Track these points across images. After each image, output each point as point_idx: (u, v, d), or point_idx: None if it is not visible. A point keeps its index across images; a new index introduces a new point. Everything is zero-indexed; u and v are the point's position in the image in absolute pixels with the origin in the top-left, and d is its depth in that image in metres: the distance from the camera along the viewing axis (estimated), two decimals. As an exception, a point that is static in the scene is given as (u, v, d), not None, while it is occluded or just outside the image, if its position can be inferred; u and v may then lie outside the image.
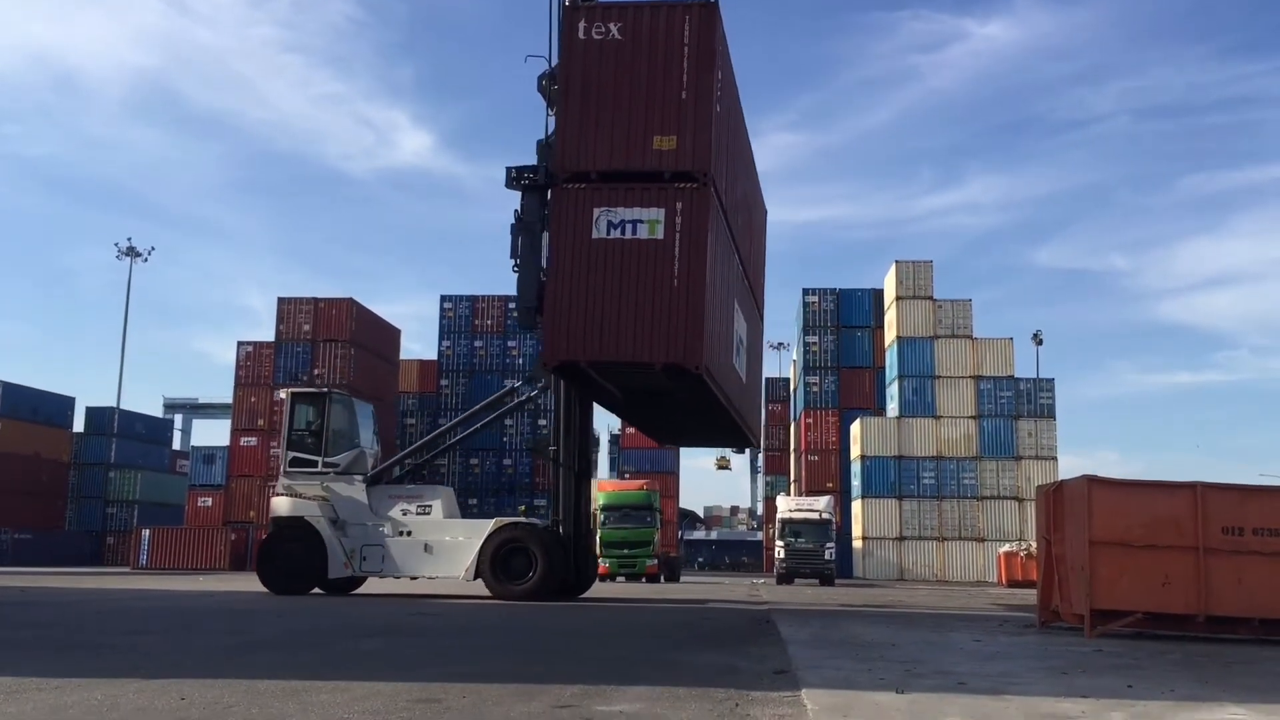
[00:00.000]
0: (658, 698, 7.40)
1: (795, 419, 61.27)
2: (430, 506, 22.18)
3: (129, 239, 62.09)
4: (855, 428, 50.32)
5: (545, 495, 53.69)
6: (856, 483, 49.74)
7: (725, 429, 25.76)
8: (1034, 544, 23.25)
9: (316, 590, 22.20)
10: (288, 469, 22.81)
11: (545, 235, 19.88)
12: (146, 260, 60.64)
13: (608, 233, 18.56)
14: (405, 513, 22.05)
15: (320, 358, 51.20)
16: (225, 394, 59.21)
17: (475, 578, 21.28)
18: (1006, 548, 42.39)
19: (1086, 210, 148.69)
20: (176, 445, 76.15)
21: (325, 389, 23.12)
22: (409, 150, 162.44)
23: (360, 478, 22.52)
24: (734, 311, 22.32)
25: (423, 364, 59.45)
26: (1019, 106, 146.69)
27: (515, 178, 20.50)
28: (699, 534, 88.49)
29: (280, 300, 52.54)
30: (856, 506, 49.48)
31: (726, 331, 21.26)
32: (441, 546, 21.62)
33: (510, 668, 9.29)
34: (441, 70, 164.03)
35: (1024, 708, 7.31)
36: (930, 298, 50.10)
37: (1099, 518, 14.26)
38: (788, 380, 70.62)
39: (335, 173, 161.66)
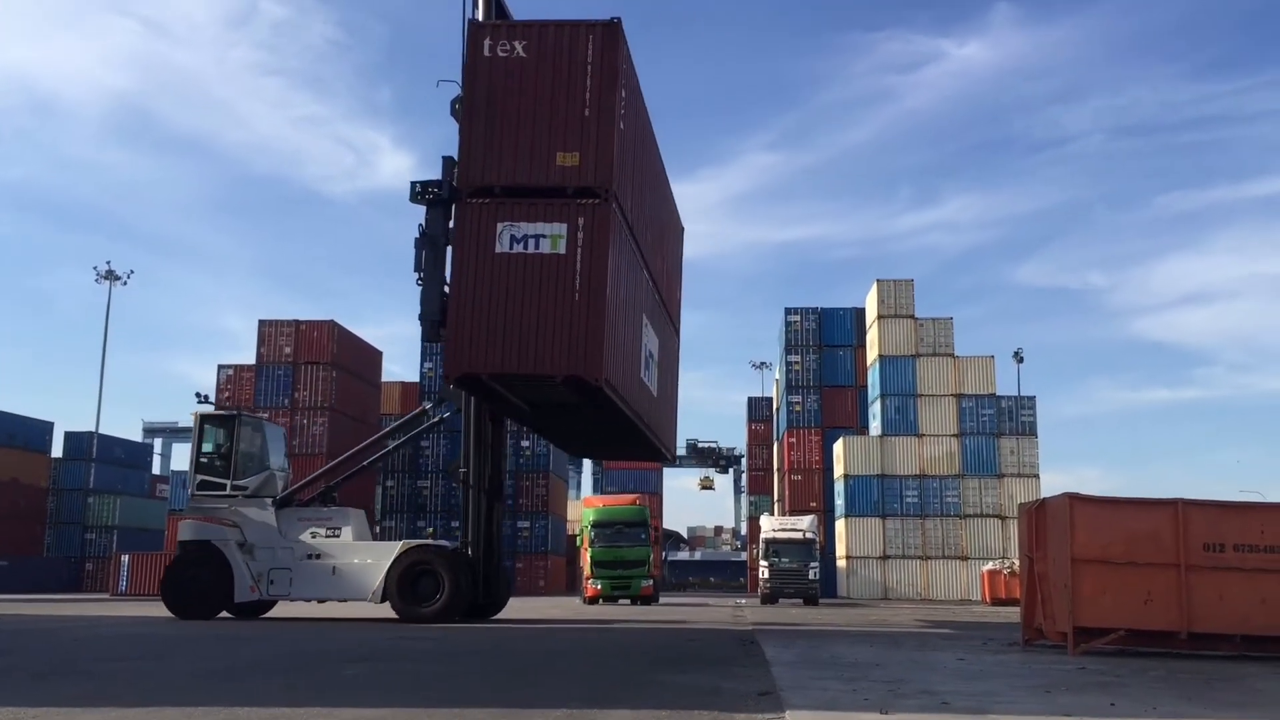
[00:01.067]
0: (642, 721, 7.37)
1: (778, 438, 61.32)
2: (340, 530, 22.22)
3: (108, 262, 61.79)
4: (838, 447, 50.40)
5: (530, 516, 53.82)
6: (840, 502, 49.79)
7: (639, 443, 25.93)
8: (1017, 562, 23.31)
9: (225, 614, 22.08)
10: (195, 492, 22.69)
11: (450, 249, 20.01)
12: (126, 284, 60.23)
13: (510, 247, 18.80)
14: (315, 535, 22.07)
15: (301, 380, 51.03)
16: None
17: (383, 600, 21.36)
18: (990, 566, 42.47)
19: (1064, 228, 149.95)
20: (156, 470, 75.48)
21: (235, 411, 22.98)
22: (389, 171, 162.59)
23: (270, 501, 22.45)
24: (643, 326, 22.59)
25: (405, 386, 59.27)
26: (996, 126, 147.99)
27: (420, 192, 20.57)
28: (683, 554, 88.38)
29: (261, 323, 52.38)
30: (840, 526, 49.51)
31: (633, 345, 21.52)
32: (350, 569, 21.66)
33: (495, 692, 9.23)
34: (421, 91, 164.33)
35: (1008, 727, 7.31)
36: (912, 316, 50.34)
37: (1081, 535, 14.31)
38: (770, 400, 70.71)
39: (315, 194, 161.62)
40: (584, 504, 44.61)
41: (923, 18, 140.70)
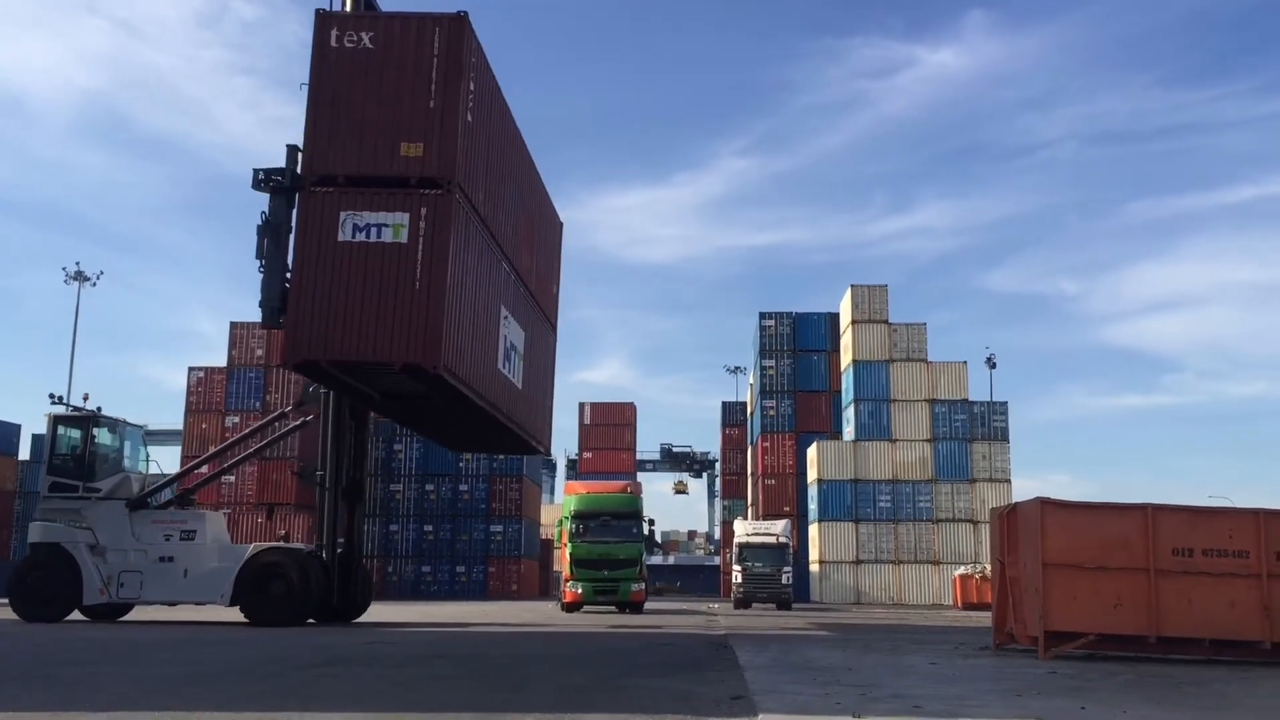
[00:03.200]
0: (615, 725, 7.35)
1: (752, 443, 61.44)
2: (194, 531, 22.20)
3: (77, 263, 60.97)
4: (812, 451, 50.55)
5: (503, 521, 53.72)
6: (813, 506, 49.91)
7: (504, 435, 26.11)
8: (988, 567, 23.45)
9: (82, 617, 22.01)
10: (47, 494, 22.57)
11: (292, 237, 20.07)
12: (95, 285, 59.55)
13: (353, 236, 18.98)
14: (168, 538, 22.00)
15: (273, 383, 50.62)
16: (176, 420, 58.34)
17: (233, 603, 21.33)
18: (962, 570, 42.69)
19: (1036, 235, 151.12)
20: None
21: (90, 412, 23.00)
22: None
23: (124, 503, 22.31)
24: (501, 318, 22.81)
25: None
26: (969, 132, 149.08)
27: (263, 180, 20.53)
28: (656, 559, 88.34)
29: (232, 325, 51.91)
30: (814, 530, 49.64)
31: (486, 336, 21.71)
32: (201, 572, 21.65)
33: (468, 697, 9.18)
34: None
35: (979, 731, 7.34)
36: (885, 321, 50.55)
37: (1052, 540, 14.42)
38: (744, 404, 70.85)
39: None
40: (566, 490, 38.83)
41: (897, 24, 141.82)
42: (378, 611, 22.73)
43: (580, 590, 30.87)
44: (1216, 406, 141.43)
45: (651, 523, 32.84)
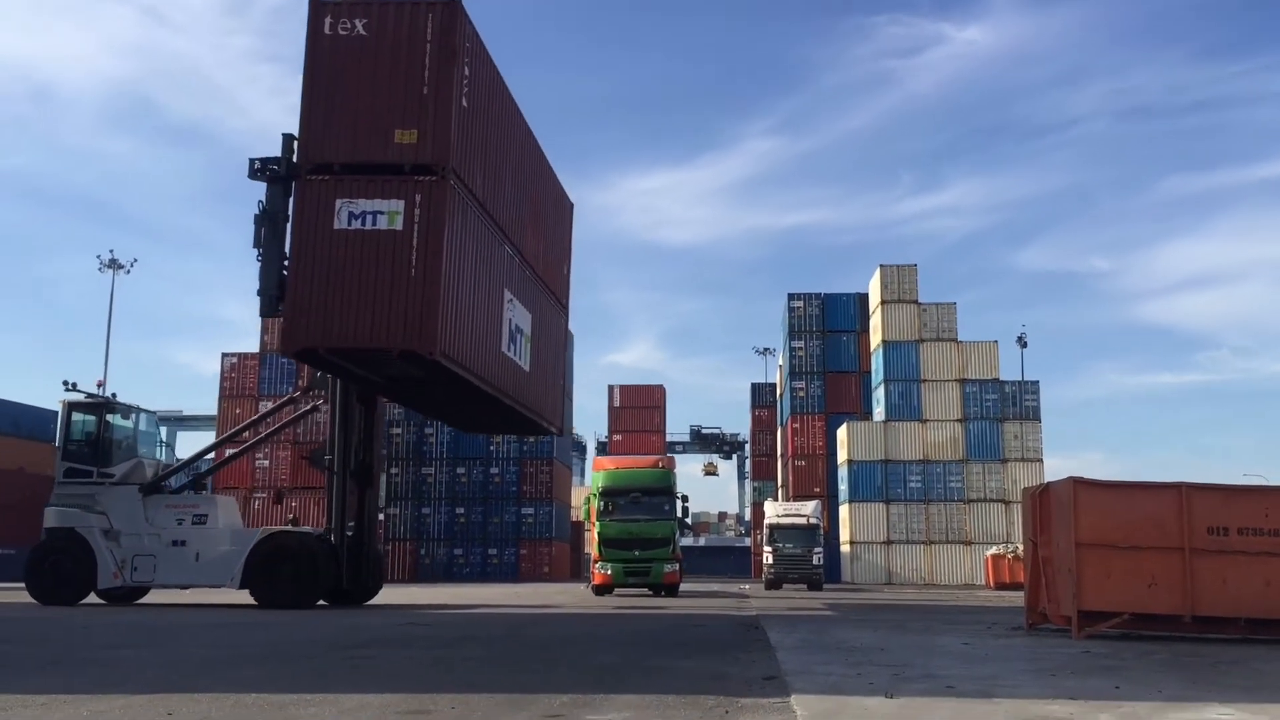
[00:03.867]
0: (647, 706, 7.40)
1: (782, 424, 61.33)
2: (206, 516, 22.46)
3: (111, 251, 61.51)
4: (842, 432, 50.41)
5: (534, 503, 53.97)
6: (844, 487, 49.80)
7: (512, 417, 26.27)
8: (1021, 546, 23.34)
9: (99, 601, 22.37)
10: (62, 479, 22.88)
11: (289, 226, 20.17)
12: (129, 272, 60.07)
13: (349, 223, 19.08)
14: (180, 522, 22.28)
15: (305, 369, 50.90)
16: (210, 406, 58.93)
17: (243, 586, 21.56)
18: (994, 550, 42.50)
19: (1067, 212, 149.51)
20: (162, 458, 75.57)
21: (104, 399, 23.32)
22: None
23: (137, 488, 22.58)
24: (505, 301, 22.96)
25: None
26: (998, 109, 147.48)
27: (259, 169, 20.64)
28: (687, 540, 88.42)
29: (264, 311, 52.25)
30: (844, 511, 49.54)
31: (488, 320, 21.86)
32: (212, 556, 21.90)
33: (500, 678, 9.26)
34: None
35: (1012, 710, 7.33)
36: (915, 301, 50.27)
37: (1085, 519, 14.32)
38: (774, 385, 70.72)
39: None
40: (594, 466, 36.95)
41: (923, 1, 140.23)
42: (411, 594, 22.95)
43: (610, 572, 29.32)
44: (1251, 384, 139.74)
45: (685, 499, 30.99)
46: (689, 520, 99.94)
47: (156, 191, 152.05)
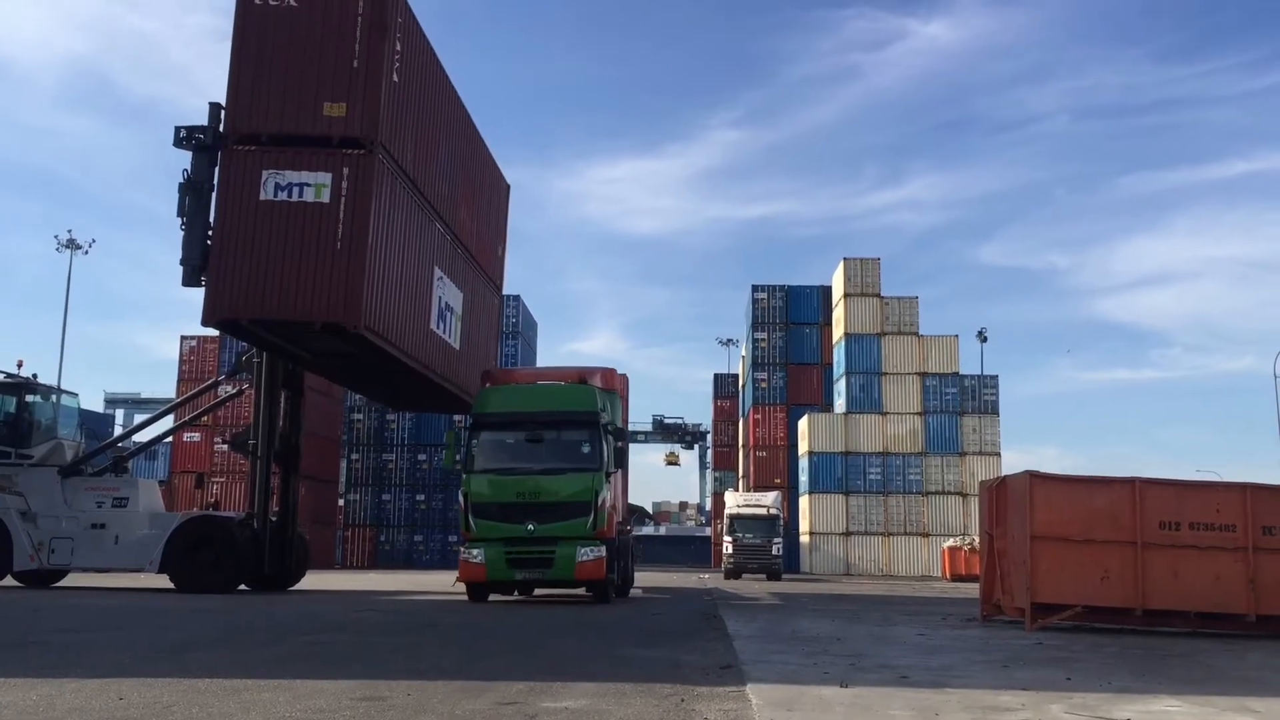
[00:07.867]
0: (603, 694, 7.40)
1: (744, 415, 61.53)
2: (127, 499, 22.28)
3: (69, 231, 60.72)
4: (803, 424, 50.64)
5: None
6: (804, 478, 50.06)
7: (444, 395, 26.32)
8: (977, 539, 23.58)
9: (16, 584, 22.07)
10: None
11: (214, 195, 20.04)
12: (87, 253, 59.26)
13: (275, 195, 19.01)
14: (100, 505, 22.07)
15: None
16: (168, 389, 58.20)
17: (162, 570, 21.42)
18: (951, 542, 42.89)
19: (1027, 209, 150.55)
20: (117, 441, 74.60)
21: (23, 379, 23.04)
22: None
23: (56, 470, 22.35)
24: (434, 278, 23.00)
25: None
26: (960, 105, 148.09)
27: (185, 138, 20.48)
28: (648, 529, 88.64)
29: (224, 294, 51.64)
30: (804, 502, 49.80)
31: (417, 296, 21.92)
32: (131, 539, 21.72)
33: (456, 665, 9.24)
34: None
35: (965, 700, 7.41)
36: (878, 295, 50.54)
37: (1040, 513, 14.49)
38: (736, 376, 70.92)
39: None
40: (481, 380, 22.88)
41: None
42: (370, 580, 22.76)
43: (479, 557, 18.57)
44: (1204, 381, 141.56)
45: (622, 438, 20.59)
46: (649, 514, 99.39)
47: (114, 170, 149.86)
